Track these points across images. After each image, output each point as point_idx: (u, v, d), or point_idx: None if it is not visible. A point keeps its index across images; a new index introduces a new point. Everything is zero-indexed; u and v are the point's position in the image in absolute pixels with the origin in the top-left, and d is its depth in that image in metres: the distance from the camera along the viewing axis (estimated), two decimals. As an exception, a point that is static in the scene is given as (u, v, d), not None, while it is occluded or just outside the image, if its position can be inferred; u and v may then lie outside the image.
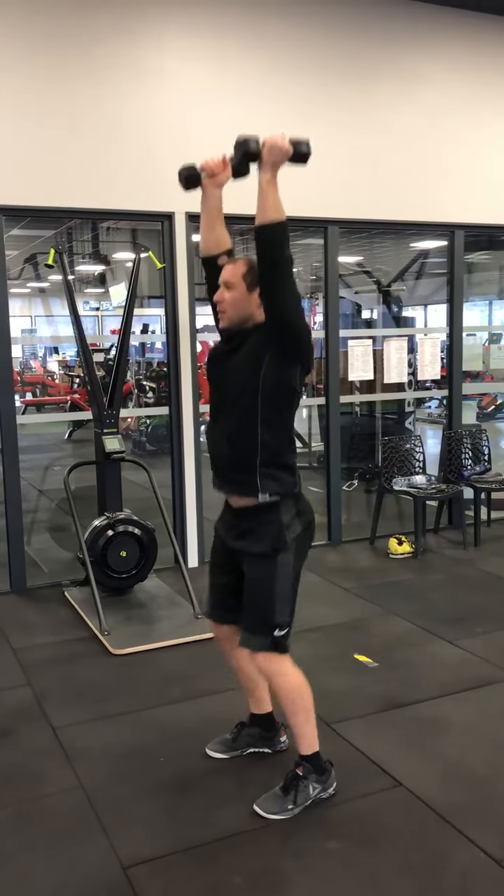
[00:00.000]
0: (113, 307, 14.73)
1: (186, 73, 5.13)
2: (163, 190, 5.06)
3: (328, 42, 5.51)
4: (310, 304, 12.87)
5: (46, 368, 16.71)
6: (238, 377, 2.64)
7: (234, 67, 5.26)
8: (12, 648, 4.16)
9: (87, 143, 4.88)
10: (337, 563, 5.53)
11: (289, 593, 2.69)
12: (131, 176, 5.00)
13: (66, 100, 4.82)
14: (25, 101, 4.73)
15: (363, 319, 8.81)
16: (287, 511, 2.68)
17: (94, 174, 4.91)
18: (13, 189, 4.73)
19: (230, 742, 3.09)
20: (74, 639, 4.28)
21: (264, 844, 2.57)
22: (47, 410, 13.23)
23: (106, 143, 4.94)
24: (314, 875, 2.43)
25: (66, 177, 4.84)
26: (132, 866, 2.48)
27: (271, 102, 5.34)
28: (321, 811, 2.72)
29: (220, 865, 2.48)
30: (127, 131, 4.99)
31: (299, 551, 2.72)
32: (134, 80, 4.98)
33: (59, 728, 3.33)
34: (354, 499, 7.11)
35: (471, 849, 2.52)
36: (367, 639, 4.19)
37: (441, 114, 5.91)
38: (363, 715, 3.38)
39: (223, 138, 5.17)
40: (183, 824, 2.68)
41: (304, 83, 5.46)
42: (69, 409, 11.94)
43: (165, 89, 5.08)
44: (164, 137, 5.08)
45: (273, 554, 2.65)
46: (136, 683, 3.74)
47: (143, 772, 3.00)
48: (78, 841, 2.61)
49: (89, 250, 12.47)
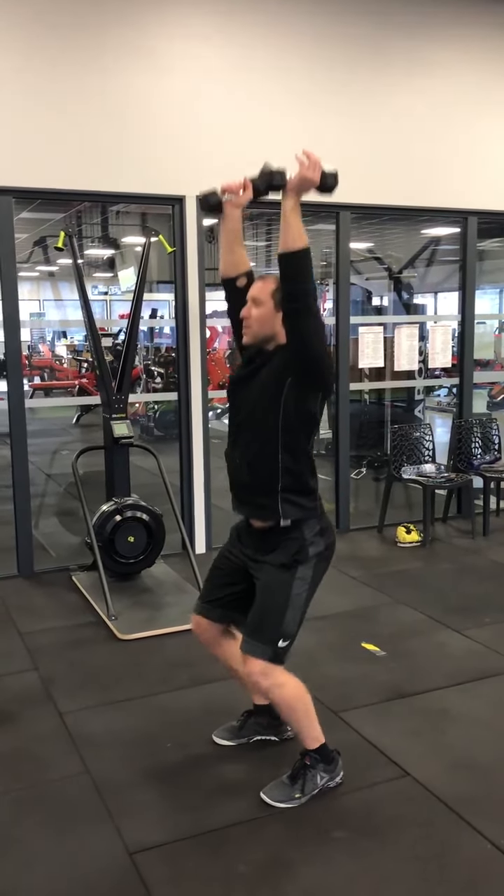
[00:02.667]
0: (121, 291, 14.67)
1: (197, 58, 5.06)
2: (174, 173, 5.06)
3: (339, 28, 5.43)
4: (320, 290, 12.80)
5: (55, 353, 16.69)
6: (259, 402, 2.61)
7: (244, 53, 5.19)
8: (19, 632, 4.17)
9: (98, 127, 4.84)
10: (344, 551, 5.50)
11: (301, 607, 2.66)
12: (142, 159, 4.95)
13: (78, 83, 4.77)
14: (36, 85, 4.68)
15: (373, 306, 8.76)
16: (310, 528, 2.66)
17: (105, 157, 4.87)
18: (24, 172, 4.68)
19: (237, 730, 3.09)
20: (81, 623, 4.28)
21: (270, 833, 2.56)
22: (55, 395, 13.22)
23: (117, 126, 4.89)
24: (320, 864, 2.42)
25: (77, 160, 4.79)
26: (138, 852, 2.47)
27: (281, 88, 5.28)
28: (328, 800, 2.71)
29: (226, 853, 2.48)
30: (138, 115, 4.94)
31: (318, 569, 2.69)
32: (145, 64, 4.93)
33: (65, 713, 3.33)
34: (362, 487, 7.09)
35: (478, 840, 2.51)
36: (375, 627, 4.18)
37: (454, 100, 5.83)
38: (370, 704, 3.37)
39: (234, 123, 5.16)
40: (189, 811, 2.68)
41: (315, 68, 5.38)
42: (77, 394, 11.92)
43: (176, 73, 5.02)
44: (176, 121, 5.03)
45: (293, 564, 2.63)
46: (142, 669, 3.74)
47: (149, 758, 3.00)
48: (84, 826, 2.61)
49: (98, 234, 12.42)
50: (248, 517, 2.74)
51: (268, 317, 2.61)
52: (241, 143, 5.19)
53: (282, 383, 2.55)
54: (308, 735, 2.74)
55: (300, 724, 2.73)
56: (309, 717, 2.73)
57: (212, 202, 2.78)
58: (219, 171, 5.11)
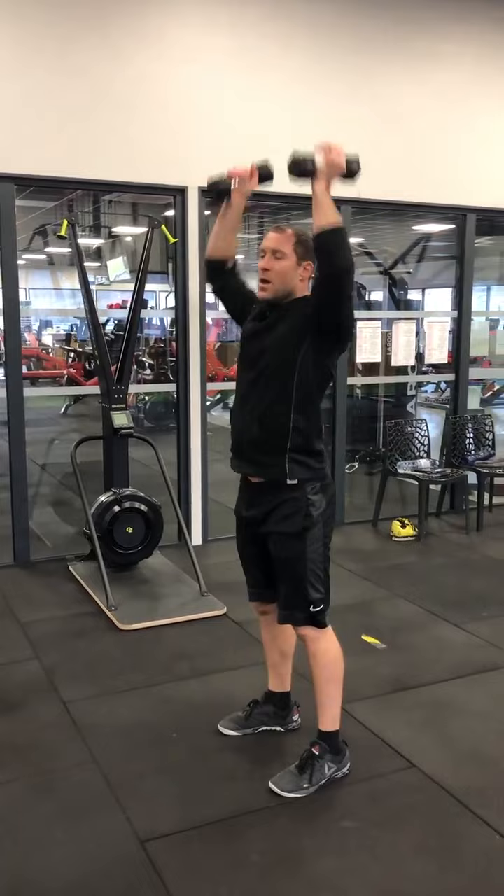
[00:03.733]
0: (109, 281, 14.58)
1: (202, 48, 5.04)
2: (176, 163, 5.04)
3: (343, 20, 5.42)
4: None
5: (41, 342, 16.57)
6: (274, 358, 2.61)
7: (250, 43, 5.18)
8: (19, 622, 4.15)
9: (100, 115, 4.80)
10: (340, 545, 5.52)
11: (320, 570, 2.70)
12: (145, 149, 4.93)
13: (81, 71, 4.73)
14: (39, 72, 4.64)
15: (366, 301, 8.78)
16: (312, 487, 2.67)
17: (107, 146, 4.83)
18: (24, 158, 4.64)
19: (242, 720, 3.10)
20: (81, 613, 4.27)
21: (280, 822, 2.58)
22: (41, 384, 13.13)
23: (120, 115, 4.86)
24: (331, 853, 2.44)
25: (78, 148, 4.76)
26: (149, 840, 2.48)
27: (284, 79, 5.28)
28: (336, 791, 2.73)
29: (237, 842, 2.49)
30: (142, 103, 4.91)
31: (326, 525, 2.72)
32: (150, 53, 4.90)
33: (69, 702, 3.32)
34: (355, 481, 7.12)
35: (487, 831, 2.53)
36: (374, 621, 4.21)
37: (455, 95, 5.85)
38: (374, 696, 3.40)
39: (236, 113, 5.14)
40: (198, 800, 2.68)
41: (318, 60, 5.38)
42: (66, 384, 11.85)
43: (180, 62, 4.99)
44: (179, 111, 5.01)
45: (302, 532, 2.65)
46: (144, 659, 3.74)
47: (155, 747, 3.00)
48: (94, 814, 2.61)
49: (90, 223, 12.32)
50: (252, 475, 2.73)
51: (290, 270, 2.60)
52: (244, 133, 5.18)
53: (301, 340, 2.56)
54: (329, 714, 2.77)
55: (329, 697, 2.76)
56: (338, 693, 2.78)
57: (221, 189, 2.78)
58: (221, 162, 5.12)
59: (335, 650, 2.76)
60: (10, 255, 4.72)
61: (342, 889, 2.30)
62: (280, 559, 2.71)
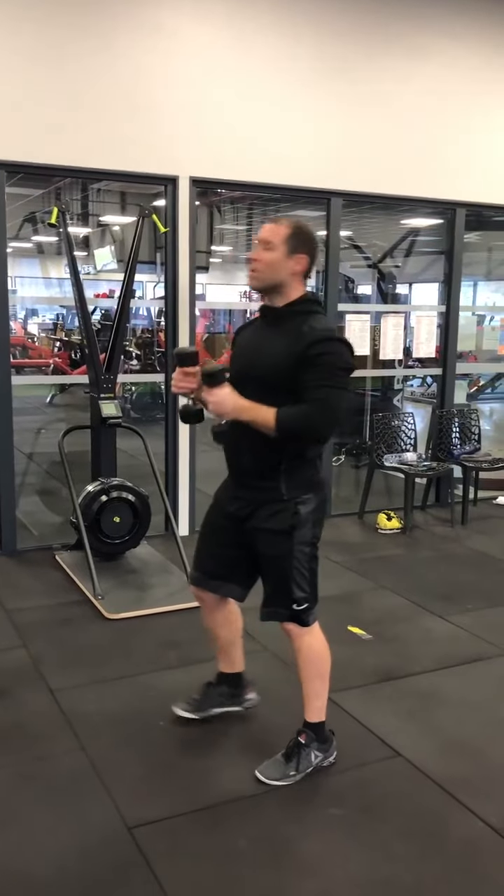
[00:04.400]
0: (96, 270, 14.51)
1: (197, 38, 5.02)
2: (168, 153, 5.03)
3: (339, 14, 5.41)
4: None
5: (27, 331, 16.49)
6: (267, 373, 2.55)
7: (244, 35, 5.15)
8: (5, 609, 4.14)
9: (92, 103, 4.78)
10: (327, 537, 5.41)
11: (306, 569, 2.68)
12: (136, 138, 4.91)
13: (74, 59, 4.70)
14: (33, 59, 4.60)
15: (354, 294, 8.80)
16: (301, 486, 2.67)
17: (98, 134, 4.81)
18: (14, 145, 4.61)
19: (198, 702, 3.11)
20: (67, 602, 4.27)
21: (266, 809, 2.60)
22: (26, 374, 13.07)
23: (111, 103, 4.83)
24: (318, 840, 2.47)
25: (70, 135, 4.73)
26: (137, 827, 2.49)
27: (278, 71, 5.27)
28: (322, 779, 2.76)
29: (223, 829, 2.51)
30: (134, 93, 4.89)
31: (316, 525, 2.70)
32: (144, 43, 4.87)
33: (56, 690, 3.33)
34: (341, 474, 7.14)
35: (471, 818, 2.57)
36: (360, 612, 4.23)
37: (447, 90, 5.85)
38: (359, 686, 3.42)
39: (230, 104, 5.13)
40: (184, 787, 2.70)
41: (314, 54, 5.36)
42: (51, 373, 11.80)
43: (175, 53, 4.96)
44: (172, 100, 4.99)
45: (290, 531, 2.63)
46: (131, 648, 3.75)
47: (142, 735, 3.02)
48: (82, 801, 2.62)
49: (78, 212, 12.25)
50: (251, 497, 2.70)
51: (278, 261, 2.56)
52: (237, 124, 5.18)
53: (291, 369, 2.50)
54: (314, 705, 2.78)
55: (315, 690, 2.77)
56: (324, 686, 2.79)
57: (192, 412, 2.65)
58: (214, 152, 5.16)
59: (320, 646, 2.77)
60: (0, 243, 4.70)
61: (328, 875, 2.33)
62: (266, 556, 2.70)
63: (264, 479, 2.64)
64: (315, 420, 2.48)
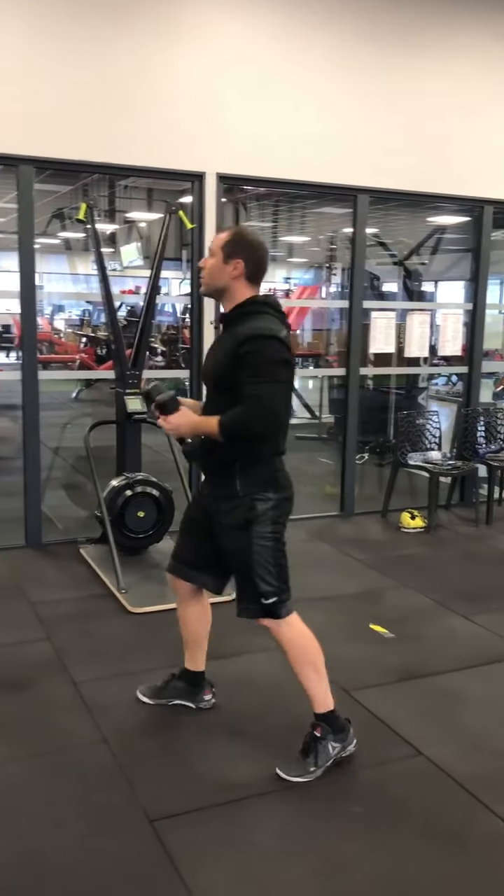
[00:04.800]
0: (122, 267, 14.57)
1: (221, 34, 5.02)
2: (195, 150, 5.04)
3: (364, 9, 5.39)
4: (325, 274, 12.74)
5: (53, 326, 16.60)
6: (219, 374, 2.68)
7: (269, 31, 5.16)
8: (30, 602, 4.19)
9: (120, 100, 4.80)
10: (350, 534, 5.56)
11: (269, 563, 2.71)
12: (163, 134, 4.93)
13: (102, 54, 4.72)
14: (59, 55, 4.64)
15: (379, 291, 8.75)
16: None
17: (125, 130, 4.83)
18: (44, 141, 4.65)
19: (158, 690, 3.20)
20: (91, 595, 4.30)
21: (288, 805, 2.61)
22: (52, 369, 13.16)
23: (138, 99, 4.85)
24: (339, 837, 2.47)
25: (98, 132, 4.76)
26: (158, 819, 2.51)
27: (303, 66, 5.26)
28: (343, 775, 2.75)
29: (244, 823, 2.52)
30: (161, 89, 4.91)
31: (275, 521, 2.72)
32: (170, 37, 4.89)
33: (80, 682, 3.36)
34: (365, 472, 7.12)
35: (492, 818, 2.56)
36: (382, 610, 4.22)
37: (475, 87, 5.81)
38: (381, 684, 3.42)
39: (255, 100, 5.13)
40: (206, 781, 2.72)
41: (339, 48, 5.35)
42: (77, 368, 11.88)
43: (201, 48, 4.97)
44: (199, 97, 5.00)
45: (246, 526, 2.69)
46: (154, 642, 3.77)
47: (164, 728, 3.04)
48: (104, 792, 2.65)
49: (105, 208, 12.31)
50: (214, 496, 2.80)
51: (217, 267, 2.68)
52: (264, 120, 5.18)
53: (234, 369, 2.59)
54: (316, 696, 2.80)
55: (309, 681, 2.80)
56: (318, 675, 2.80)
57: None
58: (241, 149, 5.16)
59: (300, 636, 2.79)
60: (27, 238, 4.73)
61: (348, 872, 2.33)
62: (226, 551, 2.79)
63: (222, 476, 2.72)
64: (249, 419, 2.55)
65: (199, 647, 3.15)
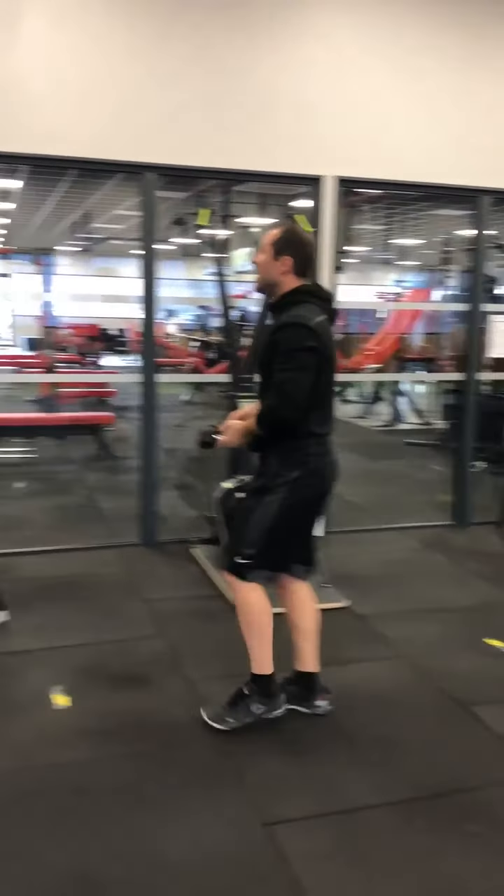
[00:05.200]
0: (233, 272, 14.74)
1: (340, 36, 5.02)
2: (312, 153, 5.04)
3: (481, 11, 5.26)
4: (440, 277, 12.47)
5: (166, 331, 16.97)
6: (259, 365, 2.92)
7: (391, 32, 5.11)
8: (145, 599, 4.28)
9: (238, 105, 4.86)
10: (464, 545, 5.41)
11: (263, 530, 2.85)
12: (281, 139, 4.95)
13: (222, 61, 4.80)
14: (181, 64, 4.73)
15: (494, 294, 8.49)
16: (283, 462, 2.85)
17: (243, 135, 4.88)
18: (166, 149, 4.75)
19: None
20: (203, 595, 4.36)
21: (405, 818, 2.55)
22: (164, 372, 13.41)
23: (257, 105, 4.90)
24: (455, 854, 2.40)
25: (216, 138, 4.83)
26: (272, 824, 2.50)
27: (422, 69, 5.19)
28: (459, 793, 2.68)
29: (362, 834, 2.48)
30: (279, 94, 4.93)
31: (291, 495, 2.83)
32: (289, 43, 4.91)
33: (194, 681, 3.40)
34: (479, 481, 6.90)
35: None
36: (499, 623, 4.08)
37: None
38: (499, 700, 3.30)
39: (371, 102, 5.07)
40: (323, 788, 2.69)
41: (459, 45, 5.25)
42: (190, 373, 12.10)
43: (319, 52, 4.97)
44: (316, 101, 5.00)
45: (260, 491, 2.88)
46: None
47: (280, 731, 3.03)
48: (218, 792, 2.67)
49: (221, 214, 12.46)
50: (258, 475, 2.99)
51: (268, 263, 2.85)
52: (383, 123, 5.13)
53: (267, 355, 2.81)
54: (254, 658, 2.97)
55: (250, 643, 2.97)
56: (260, 641, 2.95)
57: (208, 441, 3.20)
58: (359, 151, 5.12)
59: (254, 603, 2.92)
60: (150, 243, 4.85)
61: (465, 891, 2.26)
62: (239, 510, 3.00)
63: (263, 458, 2.94)
64: (276, 409, 2.74)
65: (305, 640, 3.14)
